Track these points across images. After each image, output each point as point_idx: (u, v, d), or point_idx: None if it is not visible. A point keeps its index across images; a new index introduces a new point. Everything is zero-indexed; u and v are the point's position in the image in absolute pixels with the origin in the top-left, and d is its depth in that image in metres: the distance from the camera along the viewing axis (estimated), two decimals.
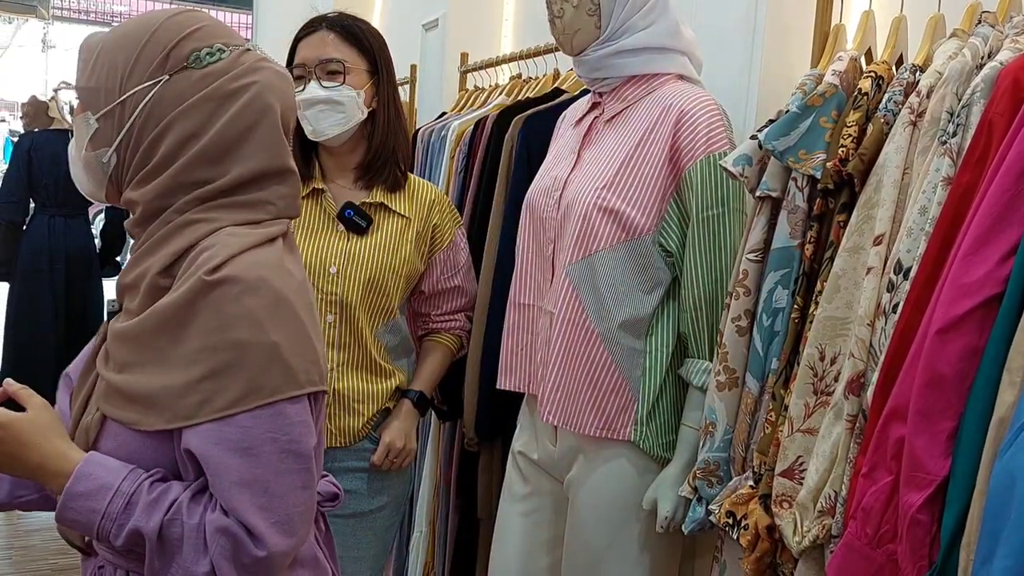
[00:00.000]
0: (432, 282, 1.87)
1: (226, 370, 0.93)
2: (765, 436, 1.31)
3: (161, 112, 0.99)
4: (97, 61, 1.02)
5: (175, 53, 1.00)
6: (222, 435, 0.93)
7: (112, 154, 1.02)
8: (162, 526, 0.94)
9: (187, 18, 1.03)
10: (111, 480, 0.96)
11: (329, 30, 1.75)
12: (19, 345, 3.84)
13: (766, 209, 1.39)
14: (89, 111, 1.03)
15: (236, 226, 0.99)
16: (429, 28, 3.49)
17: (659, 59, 1.65)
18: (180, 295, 0.95)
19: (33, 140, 3.90)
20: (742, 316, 1.39)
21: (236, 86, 1.00)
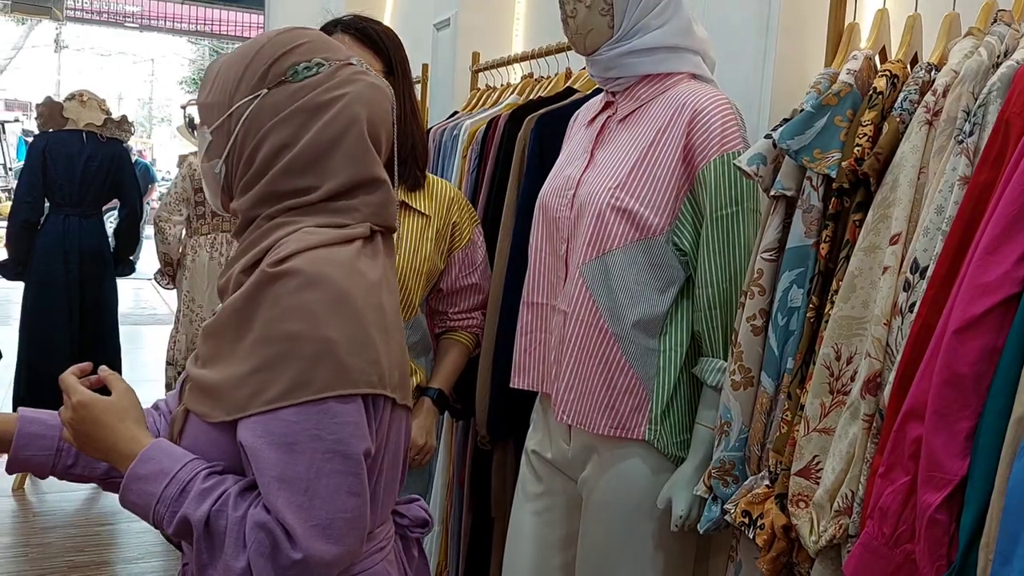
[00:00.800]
0: (451, 280, 1.88)
1: (277, 362, 0.93)
2: (781, 435, 1.30)
3: (259, 124, 1.03)
4: (216, 79, 1.08)
5: (275, 67, 1.04)
6: (267, 428, 0.93)
7: (221, 164, 1.07)
8: (209, 517, 0.94)
9: (293, 35, 1.07)
10: (170, 466, 0.97)
11: (344, 33, 1.74)
12: (34, 343, 3.86)
13: (780, 208, 1.39)
14: (206, 125, 1.08)
15: (317, 227, 1.01)
16: (441, 27, 3.50)
17: (672, 58, 1.65)
18: (246, 287, 0.97)
19: (48, 140, 3.92)
20: (757, 315, 1.39)
21: (327, 98, 1.03)
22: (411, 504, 1.15)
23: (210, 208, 4.04)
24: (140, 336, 7.26)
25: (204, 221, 4.04)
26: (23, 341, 3.88)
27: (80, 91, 4.04)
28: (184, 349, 4.05)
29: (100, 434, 1.02)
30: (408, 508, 1.14)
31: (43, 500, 3.95)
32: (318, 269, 0.95)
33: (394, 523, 1.13)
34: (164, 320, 8.17)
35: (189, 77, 24.08)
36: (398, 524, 1.13)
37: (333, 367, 0.93)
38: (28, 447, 1.13)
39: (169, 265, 4.08)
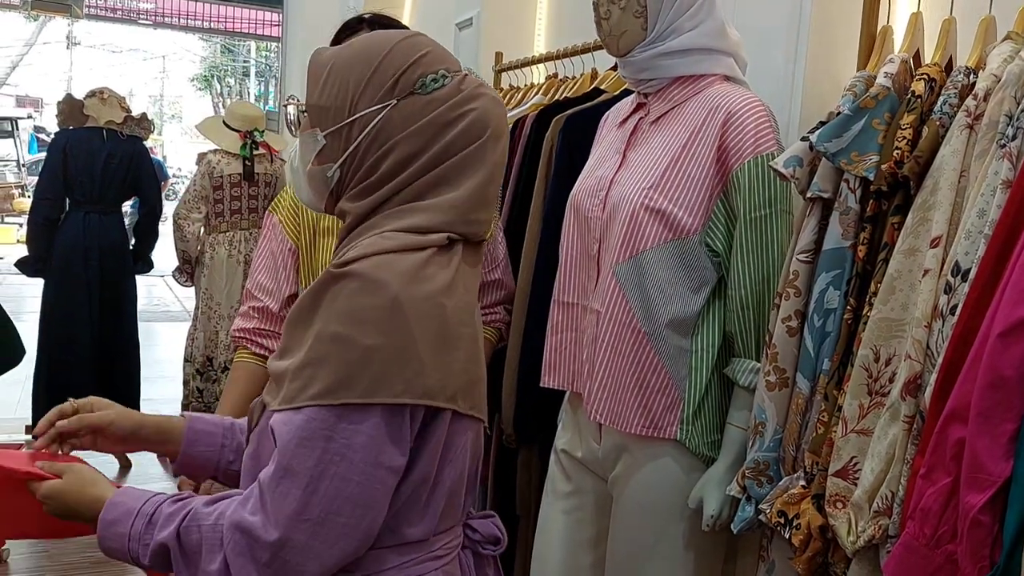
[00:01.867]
0: None
1: (321, 362, 0.95)
2: (817, 436, 1.31)
3: (387, 135, 1.04)
4: (327, 80, 1.07)
5: (404, 79, 1.04)
6: (292, 419, 0.95)
7: (336, 169, 1.07)
8: (179, 534, 0.97)
9: (415, 43, 1.08)
10: (134, 505, 1.01)
11: (371, 30, 1.75)
12: (54, 340, 3.89)
13: (816, 210, 1.40)
14: (318, 128, 1.07)
15: (395, 231, 1.02)
16: (463, 27, 3.51)
17: (706, 60, 1.66)
18: (313, 285, 1.00)
19: (68, 138, 3.94)
20: (792, 316, 1.40)
21: (456, 114, 1.04)
22: (486, 519, 1.15)
23: (229, 206, 4.06)
24: (154, 333, 7.29)
25: (223, 219, 4.06)
26: (43, 337, 3.91)
27: (100, 89, 4.07)
28: (203, 346, 4.07)
29: (76, 509, 1.05)
30: (482, 523, 1.14)
31: None
32: (377, 275, 0.96)
33: (466, 535, 1.12)
34: (178, 317, 8.21)
35: (200, 74, 24.15)
36: (469, 538, 1.12)
37: (368, 376, 0.94)
38: (198, 443, 1.20)
39: (188, 262, 4.10)
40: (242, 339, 1.79)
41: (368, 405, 0.94)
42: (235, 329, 1.81)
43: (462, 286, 1.04)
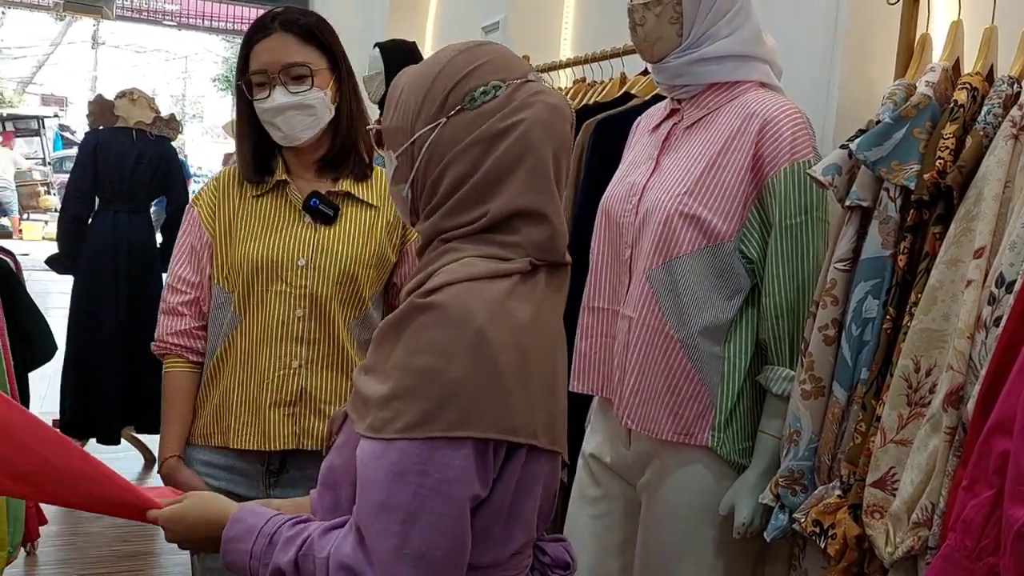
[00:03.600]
0: (404, 273, 1.81)
1: (408, 394, 0.94)
2: (855, 446, 1.31)
3: (440, 154, 1.03)
4: (398, 102, 1.07)
5: (453, 95, 1.03)
6: (384, 453, 0.95)
7: (408, 189, 1.08)
8: (296, 560, 0.99)
9: (470, 56, 1.05)
10: (256, 523, 1.04)
11: (286, 31, 1.68)
12: (83, 335, 3.93)
13: (855, 219, 1.40)
14: (391, 149, 1.08)
15: (478, 258, 1.00)
16: (489, 31, 3.52)
17: (742, 67, 1.66)
18: (398, 312, 1.00)
19: (99, 138, 3.99)
20: (829, 325, 1.40)
21: (504, 126, 1.01)
22: (556, 543, 1.14)
23: None
24: None
25: None
26: (72, 333, 3.95)
27: (130, 90, 4.11)
28: None
29: (198, 529, 1.10)
30: (552, 547, 1.13)
31: None
32: (462, 305, 0.95)
33: (535, 557, 1.11)
34: None
35: (222, 75, 24.33)
36: (540, 561, 1.11)
37: (456, 410, 0.93)
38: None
39: None
40: (173, 346, 1.74)
41: (459, 439, 0.93)
42: (165, 334, 1.74)
43: (545, 316, 1.02)
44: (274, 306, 1.68)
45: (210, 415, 1.72)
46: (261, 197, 1.72)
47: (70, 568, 3.23)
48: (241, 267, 1.69)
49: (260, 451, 1.69)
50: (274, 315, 1.68)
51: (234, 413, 1.69)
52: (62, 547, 3.37)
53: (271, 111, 1.67)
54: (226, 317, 1.71)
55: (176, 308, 1.73)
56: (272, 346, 1.68)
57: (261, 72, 1.67)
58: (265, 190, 1.72)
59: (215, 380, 1.72)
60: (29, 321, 2.56)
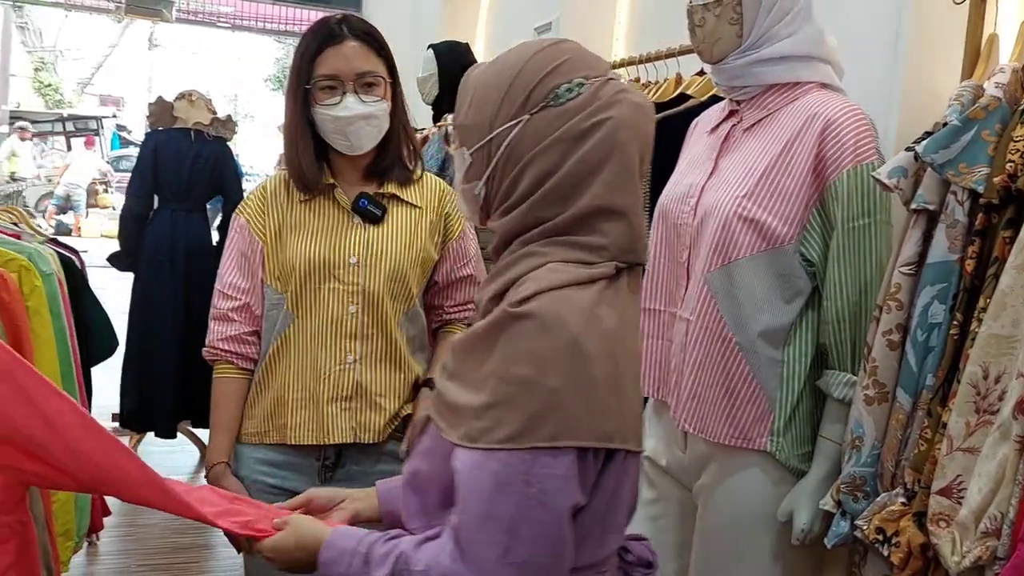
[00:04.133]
0: (445, 272, 1.86)
1: (507, 403, 0.94)
2: (919, 453, 1.29)
3: (521, 151, 1.02)
4: (473, 98, 1.06)
5: (536, 92, 1.02)
6: (485, 464, 0.95)
7: (482, 187, 1.07)
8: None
9: (552, 52, 1.04)
10: (349, 545, 1.06)
11: (356, 39, 1.71)
12: (141, 330, 4.02)
13: (921, 222, 1.38)
14: (465, 147, 1.08)
15: (564, 263, 1.00)
16: (541, 31, 3.53)
17: (802, 67, 1.64)
18: (490, 321, 0.99)
19: (158, 139, 4.08)
20: (893, 330, 1.38)
21: (589, 124, 1.00)
22: (638, 543, 1.15)
23: None
24: None
25: None
26: (131, 330, 4.04)
27: (189, 91, 4.19)
28: None
29: (298, 557, 1.12)
30: (635, 545, 1.14)
31: None
32: (556, 313, 0.95)
33: (620, 557, 1.12)
34: None
35: (273, 75, 24.68)
36: (623, 560, 1.12)
37: (556, 419, 0.93)
38: (391, 500, 1.24)
39: None
40: (223, 352, 1.76)
41: (559, 448, 0.94)
42: (216, 340, 1.76)
43: (629, 320, 1.03)
44: (328, 303, 1.72)
45: (265, 413, 1.75)
46: (309, 201, 1.76)
47: (129, 558, 3.31)
48: (294, 267, 1.72)
49: (316, 446, 1.73)
50: (328, 312, 1.72)
51: (291, 409, 1.72)
52: (122, 538, 3.46)
53: (343, 119, 1.69)
54: (279, 316, 1.74)
55: (226, 314, 1.76)
56: (327, 342, 1.72)
57: (332, 78, 1.69)
58: (312, 195, 1.75)
59: (269, 378, 1.75)
60: (92, 317, 2.63)
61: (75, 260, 2.63)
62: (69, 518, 2.10)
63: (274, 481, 1.75)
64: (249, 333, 1.77)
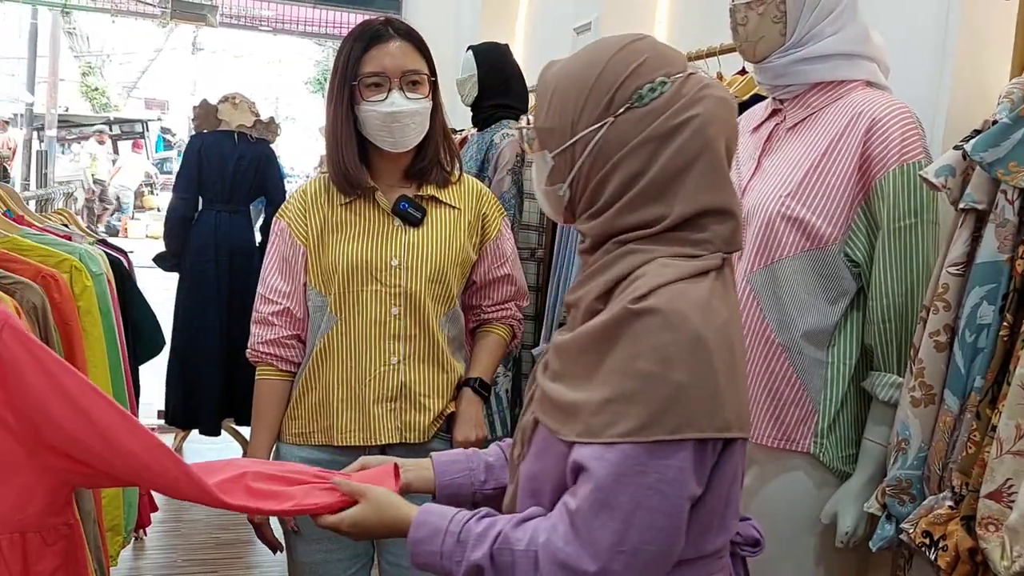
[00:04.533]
0: (483, 272, 1.87)
1: (630, 399, 0.95)
2: (968, 456, 1.27)
3: (607, 154, 1.02)
4: (552, 101, 1.06)
5: (619, 94, 1.02)
6: (605, 455, 0.96)
7: (566, 189, 1.07)
8: (492, 555, 1.01)
9: (631, 52, 1.03)
10: (441, 523, 1.07)
11: (402, 39, 1.74)
12: (187, 329, 4.08)
13: (969, 222, 1.35)
14: (547, 150, 1.08)
15: (671, 257, 1.00)
16: (581, 31, 3.53)
17: (847, 65, 1.62)
18: (608, 319, 0.99)
19: (203, 141, 4.13)
20: (941, 331, 1.36)
21: (676, 122, 1.00)
22: (744, 522, 1.16)
23: None
24: None
25: None
26: (176, 329, 4.11)
27: (232, 94, 4.25)
28: None
29: (379, 533, 1.15)
30: (742, 526, 1.15)
31: None
32: (676, 308, 0.96)
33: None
34: None
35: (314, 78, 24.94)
36: (732, 541, 1.13)
37: (678, 412, 0.94)
38: (448, 472, 1.28)
39: None
40: (264, 355, 1.79)
41: (679, 441, 0.95)
42: (257, 343, 1.79)
43: (735, 309, 1.04)
44: (370, 305, 1.73)
45: (310, 414, 1.77)
46: (350, 204, 1.77)
47: (175, 553, 3.37)
48: (336, 270, 1.73)
49: (362, 446, 1.74)
50: (371, 314, 1.73)
51: (336, 411, 1.74)
52: (168, 533, 3.52)
53: (390, 115, 1.70)
54: (323, 319, 1.76)
55: (267, 318, 1.79)
56: (371, 344, 1.73)
57: (379, 75, 1.71)
58: (353, 197, 1.77)
59: (314, 380, 1.77)
60: (140, 317, 2.68)
61: (123, 261, 2.68)
62: (117, 513, 2.15)
63: None
64: (289, 337, 1.79)
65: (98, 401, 1.14)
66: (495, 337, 1.92)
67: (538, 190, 1.12)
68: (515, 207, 2.84)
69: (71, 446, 1.14)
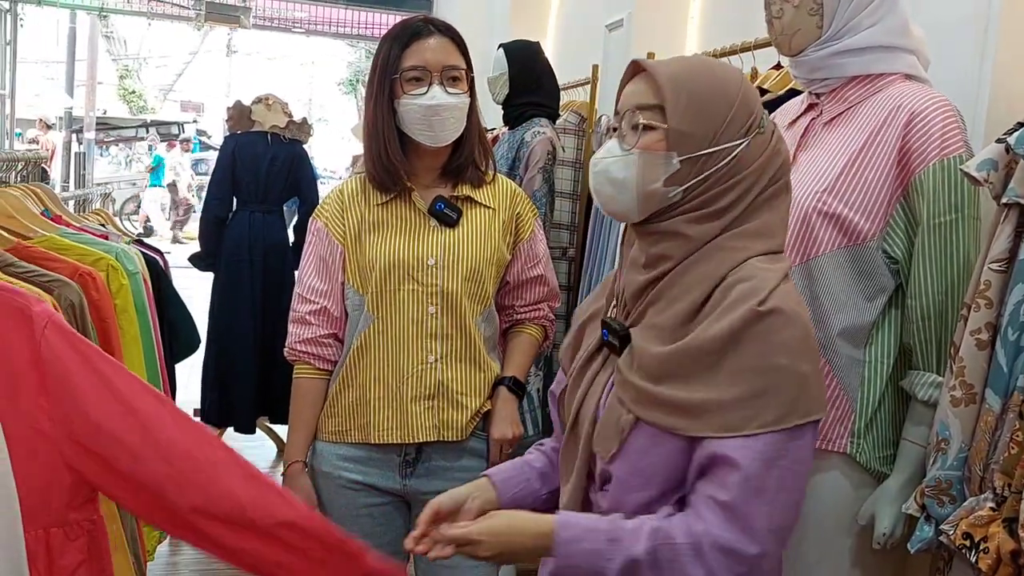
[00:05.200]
0: (516, 272, 1.88)
1: (767, 392, 1.05)
2: (1010, 456, 1.24)
3: (736, 171, 1.13)
4: (690, 105, 1.12)
5: (753, 119, 1.14)
6: (752, 446, 1.04)
7: (680, 192, 1.14)
8: (652, 550, 1.05)
9: (747, 80, 1.18)
10: (589, 523, 1.10)
11: (442, 35, 1.75)
12: (222, 329, 4.13)
13: (1012, 217, 1.32)
14: (675, 152, 1.13)
15: (758, 256, 1.12)
16: (613, 28, 3.51)
17: (886, 58, 1.59)
18: (732, 320, 1.06)
19: (237, 142, 4.17)
20: (983, 329, 1.32)
21: (777, 147, 1.16)
22: None
23: None
24: None
25: None
26: (212, 328, 4.15)
27: (266, 95, 4.29)
28: None
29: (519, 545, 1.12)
30: None
31: None
32: (791, 307, 1.08)
33: None
34: None
35: (347, 79, 25.11)
36: None
37: (807, 398, 1.06)
38: (508, 489, 1.30)
39: None
40: (302, 353, 1.81)
41: (807, 424, 1.06)
42: (295, 342, 1.81)
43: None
44: (407, 304, 1.74)
45: (347, 412, 1.78)
46: (386, 204, 1.78)
47: None
48: (373, 269, 1.74)
49: (399, 443, 1.75)
50: (408, 313, 1.74)
51: (374, 408, 1.75)
52: None
53: (429, 108, 1.71)
54: (360, 317, 1.77)
55: (304, 317, 1.80)
56: (408, 342, 1.74)
57: (420, 68, 1.72)
58: (389, 197, 1.78)
59: (351, 378, 1.78)
60: (176, 315, 2.72)
61: (159, 260, 2.72)
62: None
63: (356, 476, 1.78)
64: (326, 336, 1.80)
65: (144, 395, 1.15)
66: (528, 337, 1.93)
67: (630, 185, 1.15)
68: (546, 205, 2.83)
69: (101, 443, 1.15)
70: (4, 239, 1.83)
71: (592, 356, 1.23)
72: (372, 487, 1.79)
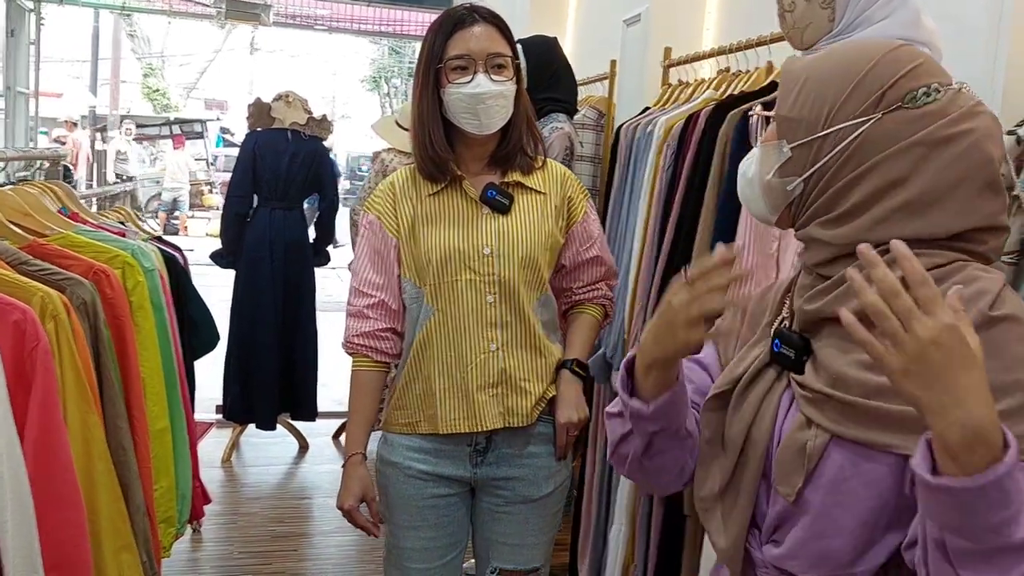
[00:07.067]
0: (571, 255, 1.88)
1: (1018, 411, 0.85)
2: None
3: (865, 153, 0.96)
4: (802, 91, 1.01)
5: (891, 92, 0.96)
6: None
7: (799, 183, 1.01)
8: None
9: (905, 53, 0.98)
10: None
11: (486, 23, 1.75)
12: (244, 323, 4.17)
13: None
14: (784, 139, 1.01)
15: (975, 260, 0.96)
16: (631, 23, 3.49)
17: None
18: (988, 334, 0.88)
19: (257, 139, 4.20)
20: None
21: (952, 132, 0.94)
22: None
23: None
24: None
25: None
26: (233, 325, 4.19)
27: (286, 92, 4.31)
28: None
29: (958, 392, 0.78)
30: None
31: (247, 472, 4.26)
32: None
33: None
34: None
35: (369, 76, 25.21)
36: None
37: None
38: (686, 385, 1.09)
39: None
40: (360, 347, 1.81)
41: None
42: (352, 336, 1.81)
43: None
44: (466, 294, 1.75)
45: (414, 404, 1.79)
46: (437, 194, 1.79)
47: (230, 545, 3.44)
48: (430, 260, 1.75)
49: (468, 433, 1.77)
50: (467, 303, 1.75)
51: (440, 399, 1.76)
52: (224, 525, 3.59)
53: (476, 96, 1.71)
54: (420, 309, 1.78)
55: (361, 311, 1.81)
56: (470, 332, 1.75)
57: (464, 57, 1.72)
58: (440, 187, 1.78)
59: (415, 370, 1.79)
60: (196, 313, 2.74)
61: (178, 257, 2.74)
62: (170, 506, 2.19)
63: (427, 467, 1.80)
64: (384, 329, 1.81)
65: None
66: (587, 317, 1.93)
67: (756, 182, 1.05)
68: None
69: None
70: (19, 237, 1.85)
71: (755, 377, 1.06)
72: (442, 477, 1.80)
